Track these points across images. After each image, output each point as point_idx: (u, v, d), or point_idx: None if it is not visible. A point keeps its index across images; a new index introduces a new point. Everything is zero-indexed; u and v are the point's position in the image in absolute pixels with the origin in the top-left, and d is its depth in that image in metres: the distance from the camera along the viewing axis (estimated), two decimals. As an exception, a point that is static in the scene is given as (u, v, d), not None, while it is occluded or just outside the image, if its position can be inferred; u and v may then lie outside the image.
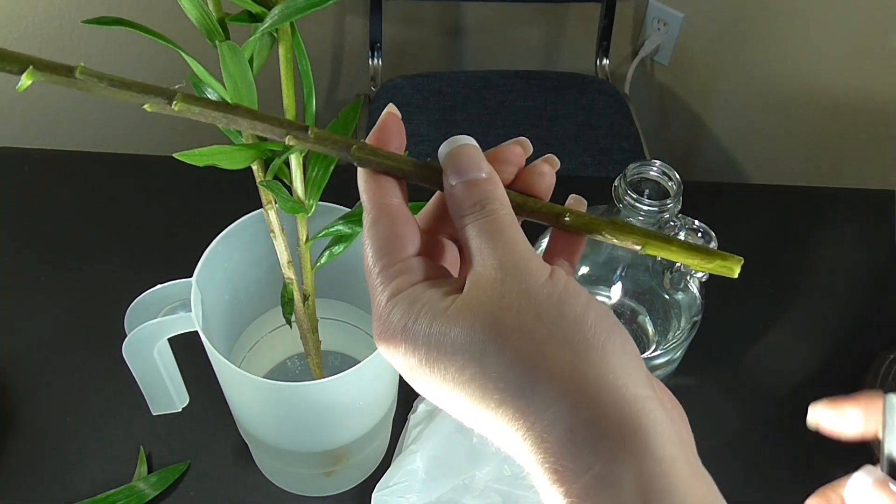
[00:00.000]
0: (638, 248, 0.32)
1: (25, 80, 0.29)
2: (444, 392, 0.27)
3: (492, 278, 0.27)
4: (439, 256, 0.33)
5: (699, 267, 0.31)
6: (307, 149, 0.32)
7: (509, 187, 0.32)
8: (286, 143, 0.32)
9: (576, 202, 0.33)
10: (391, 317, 0.28)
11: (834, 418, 0.43)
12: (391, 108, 0.32)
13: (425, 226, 0.33)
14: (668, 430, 0.25)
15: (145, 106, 0.31)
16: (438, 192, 0.33)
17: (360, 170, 0.31)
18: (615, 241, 0.32)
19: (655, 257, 0.58)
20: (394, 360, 0.29)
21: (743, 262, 0.31)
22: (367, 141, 0.32)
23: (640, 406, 0.25)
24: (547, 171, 0.32)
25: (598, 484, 0.24)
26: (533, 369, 0.25)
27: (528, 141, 0.33)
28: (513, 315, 0.26)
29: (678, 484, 0.24)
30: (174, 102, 0.31)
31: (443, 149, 0.31)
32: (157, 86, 0.31)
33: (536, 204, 0.32)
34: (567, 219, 0.32)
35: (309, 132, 0.32)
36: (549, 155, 0.33)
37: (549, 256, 0.33)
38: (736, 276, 0.31)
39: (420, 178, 0.32)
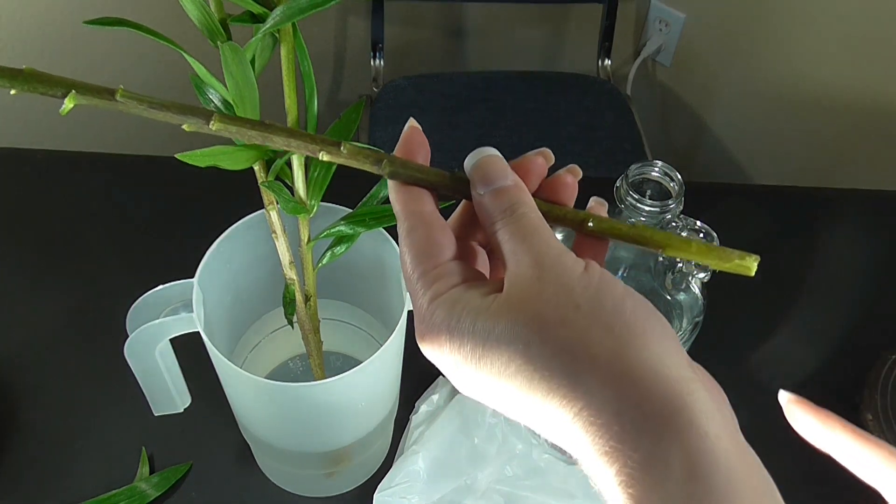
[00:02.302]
0: (659, 250, 0.33)
1: (68, 104, 0.30)
2: (490, 385, 0.28)
3: (529, 276, 0.28)
4: (471, 261, 0.34)
5: (717, 266, 0.32)
6: (340, 163, 0.33)
7: (534, 196, 0.32)
8: (320, 158, 0.33)
9: (597, 205, 0.34)
10: (434, 318, 0.29)
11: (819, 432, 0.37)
12: (412, 122, 0.33)
13: (454, 233, 0.34)
14: (711, 408, 0.26)
15: (184, 126, 0.31)
16: (465, 200, 0.34)
17: (390, 182, 0.33)
18: (637, 244, 0.33)
19: (657, 258, 0.58)
20: (438, 359, 0.29)
21: (759, 259, 0.32)
22: (394, 154, 0.32)
23: (683, 387, 0.26)
24: (570, 182, 0.33)
25: (647, 462, 0.25)
26: (577, 358, 0.26)
27: (550, 151, 0.34)
28: (553, 308, 0.27)
29: (724, 459, 0.25)
30: (211, 122, 0.31)
31: (469, 160, 0.32)
32: (195, 106, 0.32)
33: (561, 211, 0.33)
34: (591, 224, 0.33)
35: (342, 147, 0.33)
36: (572, 165, 0.34)
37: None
38: (753, 274, 0.32)
39: (448, 189, 0.33)
